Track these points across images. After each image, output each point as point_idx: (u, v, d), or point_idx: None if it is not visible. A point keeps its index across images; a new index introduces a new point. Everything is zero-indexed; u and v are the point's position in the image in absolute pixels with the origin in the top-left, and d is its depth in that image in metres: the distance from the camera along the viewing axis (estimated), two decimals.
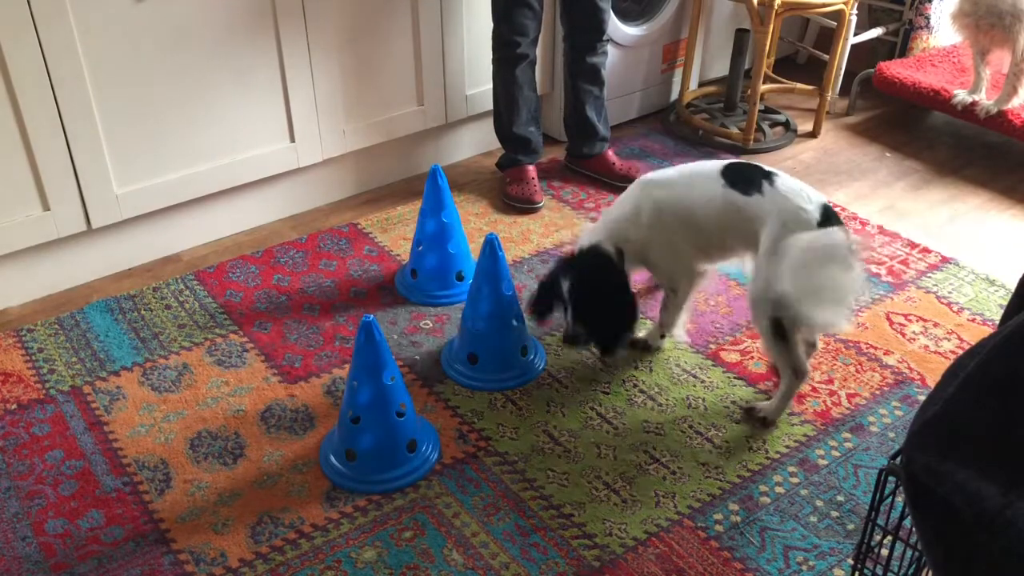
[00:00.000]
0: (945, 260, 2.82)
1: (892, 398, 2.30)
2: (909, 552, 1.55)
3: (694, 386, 2.33)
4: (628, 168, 3.19)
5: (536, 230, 2.97)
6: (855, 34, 3.67)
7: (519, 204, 3.07)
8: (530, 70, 3.03)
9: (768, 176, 2.13)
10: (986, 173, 3.33)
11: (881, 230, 2.97)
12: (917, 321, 2.57)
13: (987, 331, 2.49)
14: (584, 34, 3.04)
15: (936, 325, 2.55)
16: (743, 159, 2.77)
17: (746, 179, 2.14)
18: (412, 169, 3.29)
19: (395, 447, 2.03)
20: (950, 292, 2.68)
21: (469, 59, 3.16)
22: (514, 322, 2.30)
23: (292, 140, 2.90)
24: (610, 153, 3.22)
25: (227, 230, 2.95)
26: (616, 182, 3.18)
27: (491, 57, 3.03)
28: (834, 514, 1.99)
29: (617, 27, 3.34)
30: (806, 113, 3.75)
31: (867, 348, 2.46)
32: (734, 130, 3.49)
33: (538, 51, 3.05)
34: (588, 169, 3.25)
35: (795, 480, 2.07)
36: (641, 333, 2.44)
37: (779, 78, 3.70)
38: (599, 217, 2.38)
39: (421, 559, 1.88)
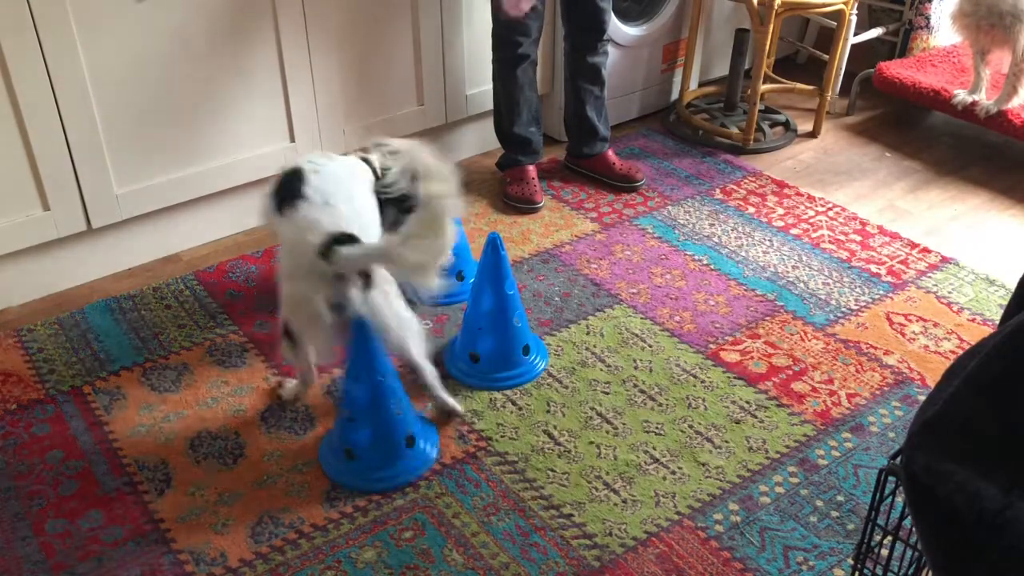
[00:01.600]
0: (945, 260, 2.82)
1: (892, 398, 2.30)
2: (909, 552, 1.55)
3: (694, 386, 2.33)
4: (628, 168, 3.19)
5: (536, 230, 2.97)
6: (855, 34, 3.67)
7: (519, 204, 3.07)
8: (531, 70, 3.03)
9: (296, 197, 2.01)
10: (986, 173, 3.33)
11: (881, 230, 2.97)
12: (917, 321, 2.57)
13: (987, 331, 2.49)
14: (585, 34, 3.04)
15: (936, 325, 2.55)
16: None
17: (286, 192, 2.04)
18: None
19: (393, 442, 2.03)
20: (950, 292, 2.68)
21: (469, 59, 3.16)
22: (516, 321, 2.30)
23: (292, 140, 2.90)
24: (610, 153, 3.22)
25: (227, 230, 2.95)
26: (616, 182, 3.18)
27: (491, 57, 3.03)
28: (834, 514, 1.99)
29: (617, 27, 3.34)
30: (806, 113, 3.75)
31: (867, 348, 2.46)
32: (734, 130, 3.49)
33: (538, 51, 3.05)
34: (588, 169, 3.25)
35: (795, 480, 2.07)
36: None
37: (779, 78, 3.70)
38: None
39: (421, 559, 1.88)
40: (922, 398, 2.25)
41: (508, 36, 2.93)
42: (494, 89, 3.10)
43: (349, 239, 1.91)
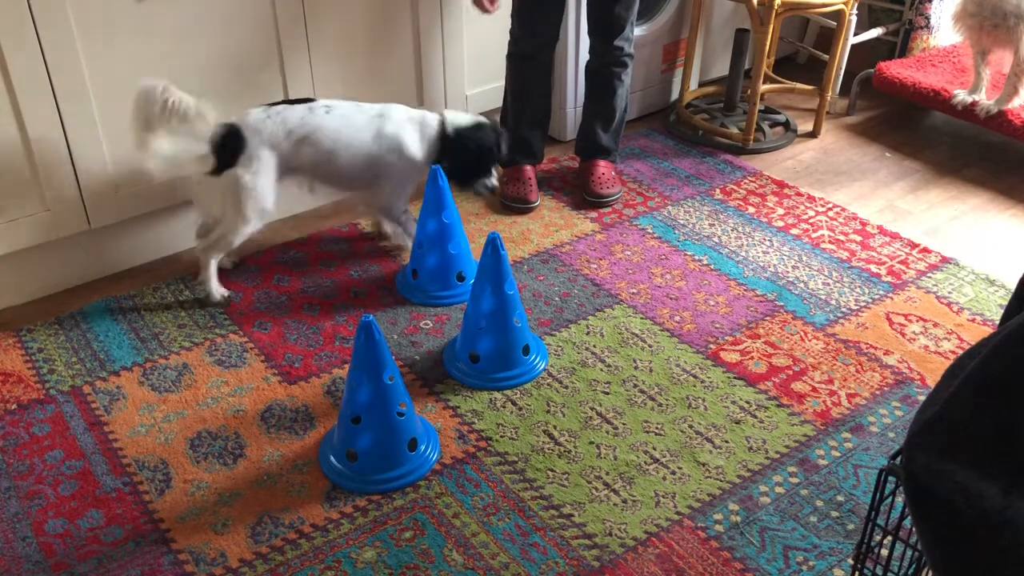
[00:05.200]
0: (945, 260, 2.82)
1: (892, 398, 2.30)
2: (909, 552, 1.55)
3: (694, 386, 2.33)
4: (603, 188, 3.07)
5: (536, 230, 2.97)
6: (855, 34, 3.67)
7: (513, 204, 3.06)
8: (539, 73, 3.00)
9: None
10: (986, 173, 3.33)
11: (881, 230, 2.98)
12: (917, 321, 2.57)
13: (987, 331, 2.49)
14: (597, 37, 2.98)
15: (936, 325, 2.55)
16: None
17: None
18: None
19: (396, 446, 2.03)
20: (950, 292, 2.68)
21: (469, 59, 3.16)
22: (516, 321, 2.30)
23: None
24: (600, 164, 3.13)
25: None
26: (586, 196, 3.10)
27: (505, 52, 3.00)
28: (834, 514, 1.99)
29: None
30: (806, 113, 3.75)
31: (867, 348, 2.46)
32: (734, 130, 3.49)
33: (552, 56, 3.01)
34: (578, 171, 3.22)
35: (795, 480, 2.07)
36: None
37: (779, 78, 3.70)
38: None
39: (421, 559, 1.88)
40: (922, 398, 2.25)
41: (519, 35, 2.91)
42: (504, 84, 3.09)
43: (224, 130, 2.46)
